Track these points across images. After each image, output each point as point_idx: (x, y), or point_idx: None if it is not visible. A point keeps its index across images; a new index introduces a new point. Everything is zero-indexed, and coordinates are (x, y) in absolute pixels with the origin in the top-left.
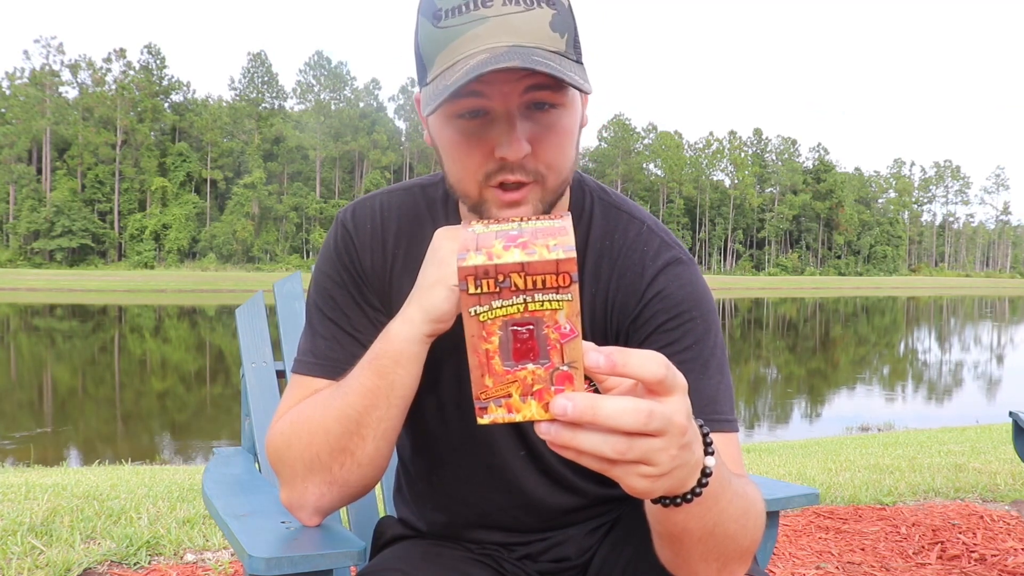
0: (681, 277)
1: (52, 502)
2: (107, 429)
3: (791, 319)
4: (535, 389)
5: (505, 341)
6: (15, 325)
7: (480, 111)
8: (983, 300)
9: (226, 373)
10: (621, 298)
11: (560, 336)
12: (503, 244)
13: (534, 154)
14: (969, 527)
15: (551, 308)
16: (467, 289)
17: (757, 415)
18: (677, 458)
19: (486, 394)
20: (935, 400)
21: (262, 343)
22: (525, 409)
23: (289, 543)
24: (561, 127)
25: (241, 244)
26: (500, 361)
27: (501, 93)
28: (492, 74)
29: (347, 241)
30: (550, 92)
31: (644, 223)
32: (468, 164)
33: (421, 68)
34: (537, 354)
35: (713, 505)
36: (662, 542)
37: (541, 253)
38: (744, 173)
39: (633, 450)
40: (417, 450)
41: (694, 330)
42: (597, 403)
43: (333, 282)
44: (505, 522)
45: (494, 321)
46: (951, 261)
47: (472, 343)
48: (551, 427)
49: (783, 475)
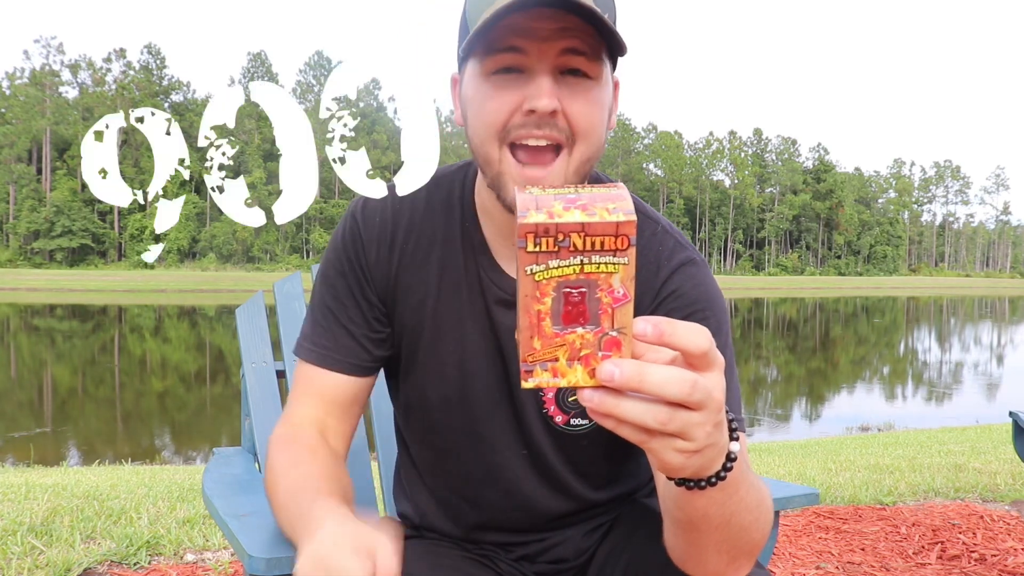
0: (695, 277)
1: (52, 502)
2: (107, 429)
3: (791, 319)
4: (583, 354)
5: (557, 303)
6: (15, 325)
7: (516, 67)
8: (983, 300)
9: (226, 373)
10: (636, 296)
11: (613, 300)
12: (563, 205)
13: (564, 114)
14: (969, 527)
15: (607, 271)
16: (526, 247)
17: (757, 415)
18: (711, 435)
19: (533, 357)
20: (935, 400)
21: (262, 343)
22: (571, 374)
23: (289, 543)
24: (592, 97)
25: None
26: (551, 323)
27: (539, 50)
28: (532, 29)
29: (355, 233)
30: (585, 59)
31: (659, 224)
32: (495, 118)
33: (464, 32)
34: (587, 318)
35: (733, 492)
36: (677, 530)
37: (602, 215)
38: (744, 173)
39: (674, 421)
40: (421, 442)
41: (707, 328)
42: (644, 369)
43: (336, 271)
44: (502, 521)
45: (549, 281)
46: (951, 261)
47: (524, 303)
48: (595, 394)
49: (783, 475)
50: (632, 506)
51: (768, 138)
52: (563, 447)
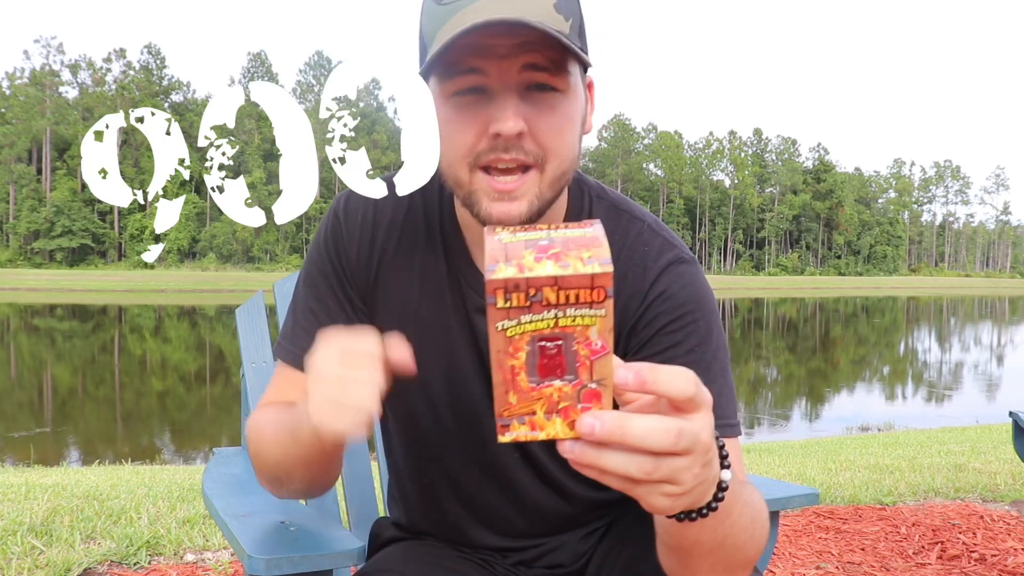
0: (684, 277)
1: (52, 502)
2: (107, 429)
3: (791, 319)
4: (561, 407)
5: (532, 356)
6: (15, 325)
7: (477, 88)
8: (983, 300)
9: (226, 373)
10: (623, 300)
11: (591, 353)
12: (534, 255)
13: (531, 134)
14: (969, 527)
15: (583, 324)
16: (496, 303)
17: (757, 415)
18: (699, 475)
19: (509, 411)
20: (935, 400)
21: (262, 343)
22: (549, 427)
23: (289, 543)
24: (560, 111)
25: (241, 244)
26: (526, 377)
27: (499, 69)
28: (491, 47)
29: (337, 231)
30: (548, 74)
31: (645, 222)
32: (461, 142)
33: (423, 50)
34: (564, 370)
35: (726, 518)
36: (670, 554)
37: (576, 266)
38: (744, 173)
39: (660, 470)
40: (409, 450)
41: (697, 332)
42: (626, 422)
43: (319, 270)
44: (498, 524)
45: (522, 336)
46: (951, 261)
47: (497, 359)
48: (575, 446)
49: (783, 475)
50: (628, 510)
51: (768, 138)
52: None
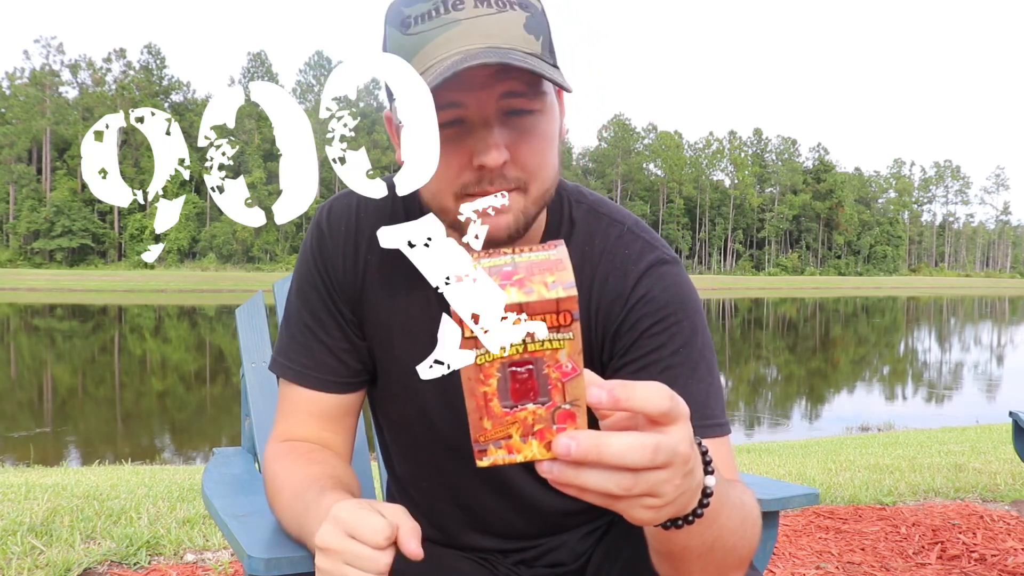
0: (665, 278)
1: (52, 502)
2: (107, 429)
3: (791, 319)
4: (536, 429)
5: (503, 382)
6: (15, 325)
7: (457, 120)
8: (983, 300)
9: (226, 373)
10: (605, 304)
11: (562, 375)
12: (498, 282)
13: (513, 160)
14: (969, 527)
15: (552, 348)
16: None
17: (757, 415)
18: (681, 486)
19: (485, 437)
20: (935, 400)
21: (262, 343)
22: (526, 449)
23: (289, 543)
24: (539, 132)
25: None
26: (499, 403)
27: (477, 100)
28: (468, 78)
29: (321, 243)
30: (526, 99)
31: (625, 224)
32: (445, 175)
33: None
34: (537, 393)
35: (713, 522)
36: (662, 559)
37: (540, 292)
38: (744, 173)
39: (639, 485)
40: (405, 457)
41: (681, 333)
42: (602, 441)
43: (309, 284)
44: (497, 526)
45: (492, 363)
46: (951, 261)
47: (469, 387)
48: (553, 466)
49: (783, 475)
50: None
51: (768, 138)
52: None
